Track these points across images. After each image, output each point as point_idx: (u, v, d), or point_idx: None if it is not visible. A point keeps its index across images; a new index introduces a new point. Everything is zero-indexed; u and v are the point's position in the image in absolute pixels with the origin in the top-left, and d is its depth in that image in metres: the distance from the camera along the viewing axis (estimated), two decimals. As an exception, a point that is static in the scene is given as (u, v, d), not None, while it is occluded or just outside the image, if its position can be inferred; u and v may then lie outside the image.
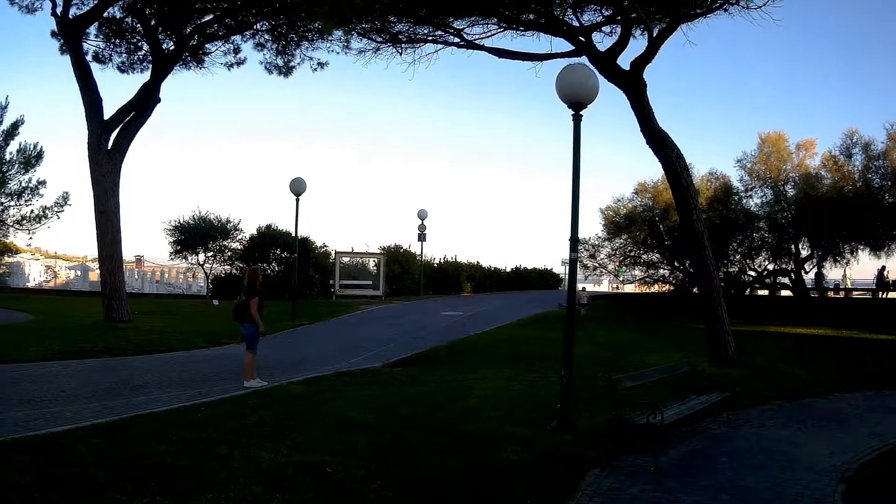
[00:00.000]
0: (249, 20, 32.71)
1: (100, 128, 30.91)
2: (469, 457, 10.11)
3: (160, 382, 16.79)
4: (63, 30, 31.52)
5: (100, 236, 31.32)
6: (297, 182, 33.12)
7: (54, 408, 13.41)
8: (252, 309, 16.49)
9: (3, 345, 21.85)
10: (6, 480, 8.10)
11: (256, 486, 8.29)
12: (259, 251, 50.80)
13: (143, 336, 25.54)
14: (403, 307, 41.72)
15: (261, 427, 11.38)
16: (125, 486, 8.15)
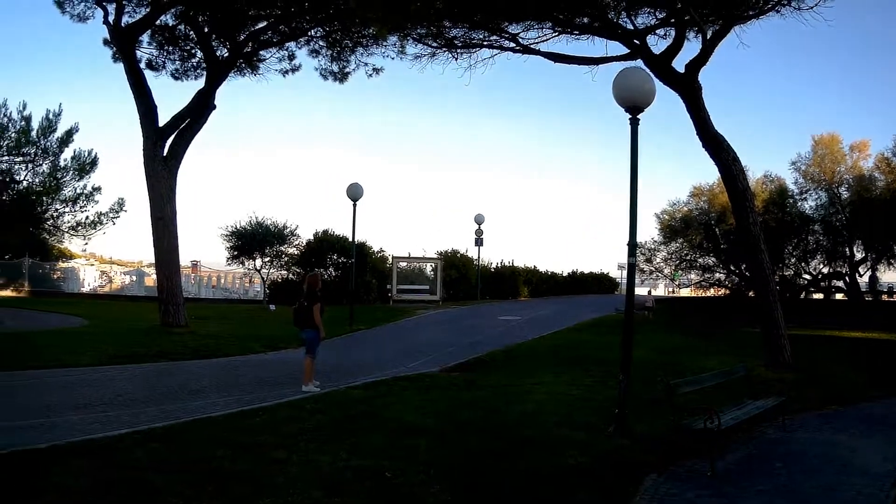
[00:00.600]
0: (304, 27, 32.94)
1: (155, 135, 31.29)
2: (527, 461, 10.03)
3: (217, 387, 16.92)
4: (116, 38, 31.96)
5: (156, 242, 31.72)
6: (354, 187, 33.19)
7: (110, 412, 13.57)
8: (315, 314, 16.68)
9: (59, 349, 22.16)
10: (61, 484, 8.17)
11: (315, 491, 8.27)
12: (316, 256, 51.03)
13: (199, 340, 25.81)
14: (460, 312, 41.67)
15: (319, 431, 11.37)
16: (182, 490, 8.17)
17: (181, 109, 32.19)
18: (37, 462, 9.09)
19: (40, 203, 37.01)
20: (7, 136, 35.31)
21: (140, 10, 32.11)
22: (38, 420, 12.54)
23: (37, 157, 36.38)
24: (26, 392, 15.74)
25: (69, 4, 31.70)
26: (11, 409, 13.53)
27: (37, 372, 18.25)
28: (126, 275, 64.08)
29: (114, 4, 31.36)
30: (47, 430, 11.57)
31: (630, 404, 12.16)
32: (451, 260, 53.93)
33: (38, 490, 7.92)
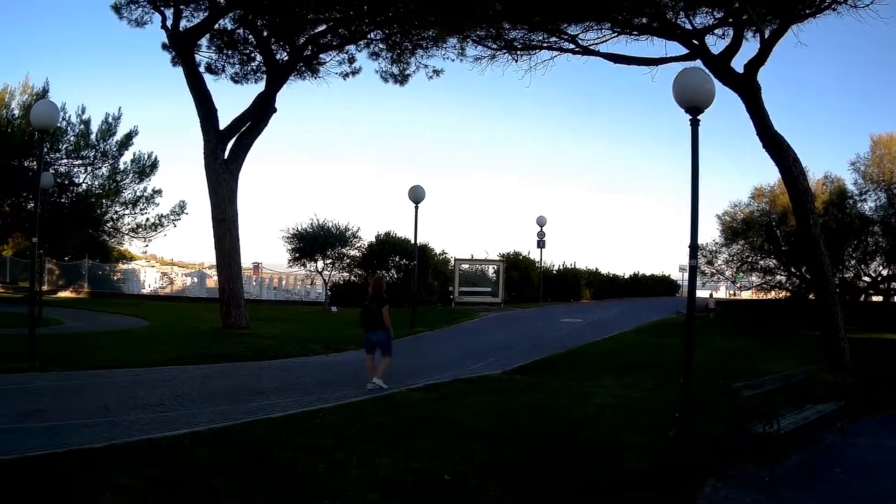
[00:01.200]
0: (363, 30, 33.20)
1: (215, 138, 31.70)
2: (586, 465, 9.96)
3: (277, 388, 17.02)
4: (174, 42, 32.47)
5: (218, 244, 32.08)
6: (416, 190, 33.23)
7: (170, 412, 13.70)
8: (384, 316, 17.09)
9: (119, 350, 22.48)
10: (118, 484, 8.22)
11: (372, 494, 8.26)
12: (378, 258, 51.29)
13: (260, 342, 26.02)
14: (522, 314, 41.58)
15: (379, 433, 11.35)
16: (239, 490, 8.21)
17: (242, 112, 32.59)
18: (94, 461, 9.17)
19: (100, 206, 37.56)
20: (66, 139, 35.90)
21: (198, 14, 32.62)
22: (96, 419, 12.69)
23: (96, 161, 36.97)
24: (86, 392, 15.98)
25: (126, 10, 32.22)
26: (71, 408, 13.74)
27: (97, 372, 18.52)
28: (187, 276, 64.89)
29: (171, 9, 31.86)
30: (106, 430, 11.68)
31: (690, 408, 12.05)
32: (513, 262, 53.76)
33: (95, 489, 7.98)
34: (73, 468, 8.80)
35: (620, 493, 8.90)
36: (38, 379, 17.12)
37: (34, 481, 8.23)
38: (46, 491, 7.96)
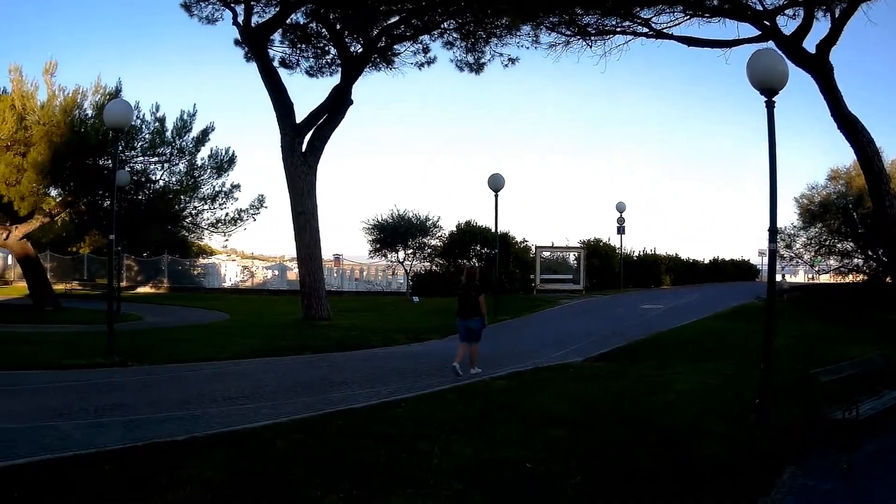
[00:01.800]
0: (436, 19, 33.19)
1: (293, 131, 31.99)
2: (666, 451, 9.83)
3: (359, 379, 17.09)
4: (247, 38, 32.88)
5: (298, 237, 32.40)
6: (496, 178, 33.13)
7: (251, 404, 13.83)
8: (480, 304, 17.78)
9: (201, 343, 22.88)
10: (199, 476, 8.29)
11: (456, 482, 8.21)
12: (459, 248, 51.60)
13: (342, 333, 26.17)
14: (603, 301, 41.34)
15: (461, 422, 11.31)
16: (321, 481, 8.20)
17: (318, 105, 32.87)
18: (175, 453, 9.27)
19: (178, 201, 37.92)
20: (141, 137, 36.30)
21: (269, 9, 32.95)
22: (177, 413, 12.89)
23: (173, 157, 37.28)
24: (166, 386, 16.25)
25: (196, 7, 32.66)
26: (151, 402, 13.95)
27: (177, 366, 18.85)
28: (268, 269, 65.55)
29: (242, 5, 32.23)
30: (187, 423, 11.84)
31: (770, 394, 11.85)
32: (593, 248, 53.46)
33: (175, 481, 8.06)
34: (152, 461, 8.90)
35: (700, 480, 8.77)
36: (119, 374, 17.48)
37: (114, 475, 8.32)
38: (126, 484, 8.03)
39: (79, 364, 18.31)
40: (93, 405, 13.53)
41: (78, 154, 33.33)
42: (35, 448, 9.85)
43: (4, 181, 32.55)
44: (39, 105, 33.83)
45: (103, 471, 8.46)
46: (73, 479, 8.16)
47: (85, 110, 34.67)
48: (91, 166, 35.05)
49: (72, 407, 13.30)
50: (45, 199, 37.69)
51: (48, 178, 33.97)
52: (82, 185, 36.24)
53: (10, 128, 32.85)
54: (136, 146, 36.51)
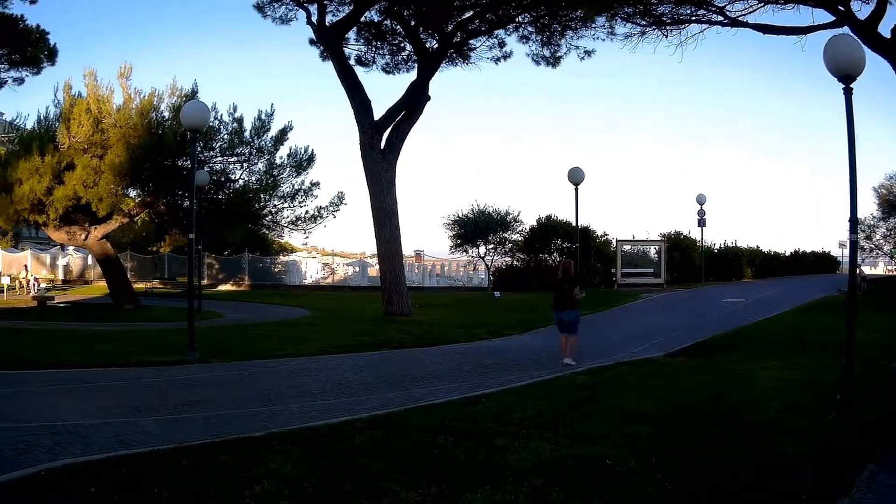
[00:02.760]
0: (510, 13, 33.24)
1: (371, 128, 32.25)
2: (746, 448, 9.65)
3: (440, 374, 17.11)
4: (321, 37, 33.30)
5: (378, 233, 32.70)
6: (575, 171, 32.91)
7: (331, 399, 13.92)
8: (576, 296, 18.41)
9: (282, 340, 23.12)
10: (277, 471, 8.34)
11: (535, 479, 8.14)
12: (540, 242, 52.05)
13: (423, 328, 26.31)
14: (684, 294, 41.21)
15: (542, 418, 11.24)
16: (400, 476, 8.19)
17: (395, 102, 33.09)
18: (253, 449, 9.34)
19: (258, 200, 38.31)
20: (219, 137, 36.73)
21: (343, 8, 33.34)
22: (257, 408, 13.04)
23: (252, 157, 37.68)
24: (246, 382, 16.46)
25: (270, 8, 33.17)
26: (231, 398, 14.17)
27: (258, 362, 19.05)
28: (349, 266, 65.95)
29: (315, 5, 32.67)
30: (266, 418, 11.98)
31: (851, 390, 11.60)
32: (674, 242, 53.44)
33: (253, 477, 8.11)
34: (230, 456, 8.96)
35: (780, 478, 8.60)
36: (200, 370, 17.71)
37: (191, 470, 8.39)
38: (203, 479, 8.09)
39: (159, 361, 18.66)
40: (172, 401, 13.75)
41: (156, 155, 33.83)
42: (113, 443, 10.07)
43: (82, 183, 33.18)
44: (115, 108, 34.40)
45: (181, 466, 8.54)
46: (150, 474, 8.25)
47: (161, 112, 35.22)
48: (169, 167, 35.55)
49: (151, 403, 13.56)
50: (124, 200, 38.36)
51: (126, 179, 34.57)
52: (161, 185, 36.79)
53: (87, 131, 33.48)
54: (215, 146, 36.96)
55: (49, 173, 33.14)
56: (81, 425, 11.37)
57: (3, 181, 33.86)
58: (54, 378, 16.28)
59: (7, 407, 13.25)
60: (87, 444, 10.02)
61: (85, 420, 11.79)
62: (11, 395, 14.41)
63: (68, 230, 36.72)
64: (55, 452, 9.58)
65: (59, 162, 33.69)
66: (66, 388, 15.22)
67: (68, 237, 37.70)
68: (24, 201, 33.40)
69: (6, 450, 9.67)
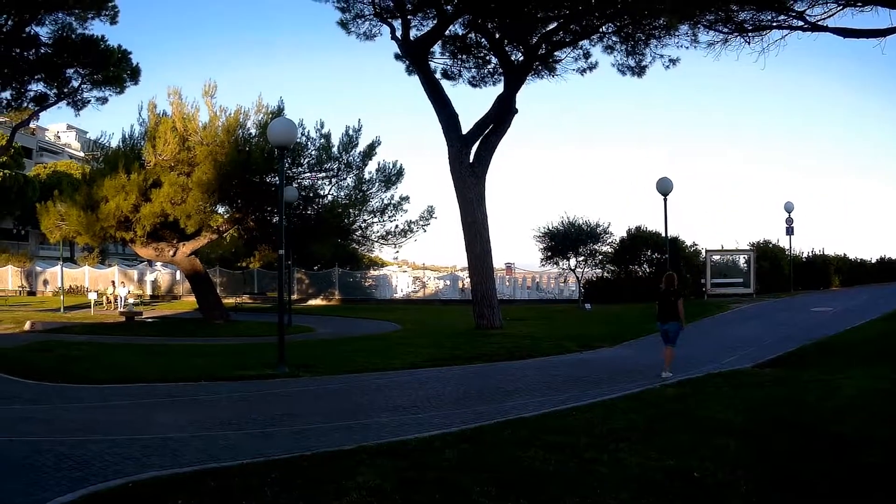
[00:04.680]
0: (594, 24, 33.31)
1: (459, 142, 32.49)
2: (833, 459, 9.55)
3: (531, 387, 17.12)
4: (407, 52, 33.73)
5: (469, 246, 32.87)
6: (664, 182, 32.69)
7: (422, 413, 14.04)
8: (679, 308, 18.71)
9: (372, 354, 23.34)
10: (366, 484, 8.45)
11: (623, 492, 8.15)
12: (629, 253, 52.17)
13: (514, 341, 26.31)
14: (773, 304, 40.49)
15: (631, 431, 11.25)
16: (489, 490, 8.26)
17: (483, 116, 33.34)
18: (343, 462, 9.49)
19: (347, 215, 38.66)
20: (307, 153, 37.20)
21: (426, 22, 33.82)
22: (347, 422, 13.17)
23: (340, 172, 38.07)
24: (337, 395, 16.63)
25: (354, 24, 33.79)
26: (322, 412, 14.35)
27: (348, 376, 19.25)
28: (439, 279, 66.32)
29: (399, 20, 33.10)
30: (356, 432, 12.10)
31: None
32: (762, 251, 52.68)
33: (341, 490, 8.24)
34: (320, 470, 9.13)
35: (868, 491, 8.52)
36: (290, 384, 17.99)
37: (281, 483, 8.57)
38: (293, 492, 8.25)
39: (249, 375, 18.99)
40: (262, 415, 14.01)
41: (243, 172, 34.35)
42: (202, 456, 10.32)
43: (170, 200, 33.84)
44: (201, 126, 35.03)
45: (269, 479, 8.72)
46: (237, 487, 8.46)
47: (248, 129, 35.74)
48: (258, 183, 36.08)
49: (241, 417, 13.82)
50: (212, 217, 39.04)
51: (214, 196, 35.17)
52: (250, 202, 37.34)
53: (173, 149, 34.18)
54: (303, 162, 37.45)
55: (136, 191, 33.91)
56: (171, 439, 11.67)
57: (89, 199, 34.72)
58: (144, 392, 16.72)
59: (98, 420, 13.62)
60: (175, 457, 10.29)
61: (174, 433, 12.09)
62: (102, 409, 14.85)
63: (156, 246, 37.47)
64: (143, 465, 9.87)
65: (146, 179, 34.44)
66: (157, 403, 15.56)
67: (156, 253, 38.45)
68: (110, 218, 34.22)
69: (94, 462, 9.96)
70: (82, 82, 50.84)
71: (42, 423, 13.28)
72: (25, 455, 10.42)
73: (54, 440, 11.54)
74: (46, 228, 38.43)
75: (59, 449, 10.80)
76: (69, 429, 12.65)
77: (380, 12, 34.31)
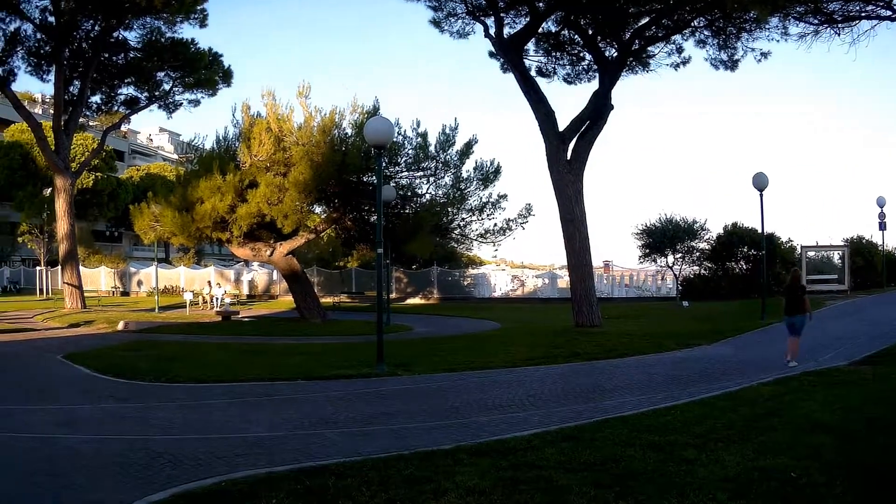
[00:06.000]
0: (685, 18, 33.13)
1: (557, 139, 32.49)
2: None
3: (629, 386, 17.08)
4: (501, 49, 33.92)
5: (568, 244, 32.83)
6: (760, 177, 32.35)
7: (520, 412, 14.06)
8: (805, 303, 19.79)
9: (471, 352, 23.50)
10: (464, 483, 8.56)
11: (720, 492, 8.13)
12: (726, 250, 51.85)
13: (612, 340, 26.22)
14: (868, 301, 39.93)
15: (729, 430, 11.23)
16: (587, 489, 8.30)
17: (579, 112, 33.28)
18: (441, 461, 9.62)
19: (445, 214, 38.72)
20: (404, 153, 37.37)
21: (519, 20, 34.04)
22: (446, 421, 13.29)
23: (437, 171, 38.15)
24: (435, 395, 16.70)
25: (446, 23, 34.02)
26: (420, 411, 14.44)
27: (446, 375, 19.34)
28: (538, 278, 66.20)
29: (492, 18, 33.26)
30: (455, 431, 12.22)
31: None
32: (856, 247, 51.59)
33: (439, 489, 8.36)
34: (418, 469, 9.26)
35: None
36: (388, 383, 18.12)
37: (378, 483, 8.71)
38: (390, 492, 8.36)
39: (347, 374, 19.16)
40: (360, 414, 14.20)
41: (340, 172, 34.62)
42: (298, 455, 10.54)
43: (266, 201, 34.22)
44: (296, 127, 35.35)
45: (366, 478, 8.87)
46: (334, 486, 8.62)
47: (344, 129, 35.97)
48: (355, 183, 36.37)
49: (338, 416, 14.05)
50: (309, 217, 39.46)
51: (311, 196, 35.51)
52: (347, 201, 37.65)
53: (268, 150, 34.55)
54: (400, 161, 37.62)
55: (231, 192, 34.45)
56: (267, 437, 11.92)
57: (184, 200, 35.33)
58: (240, 391, 17.00)
59: (191, 419, 13.97)
60: (271, 456, 10.49)
61: (271, 432, 12.35)
62: (196, 408, 15.17)
63: (253, 247, 37.98)
64: (237, 464, 10.11)
65: (241, 180, 34.96)
66: (253, 402, 15.81)
67: (253, 253, 38.95)
68: (205, 219, 34.80)
69: (186, 461, 10.25)
70: (174, 85, 52.05)
71: (135, 422, 13.67)
72: (117, 453, 10.79)
73: (146, 438, 11.88)
74: (141, 229, 39.32)
75: (151, 447, 11.13)
76: (162, 427, 13.01)
77: (472, 10, 34.55)
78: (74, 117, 49.89)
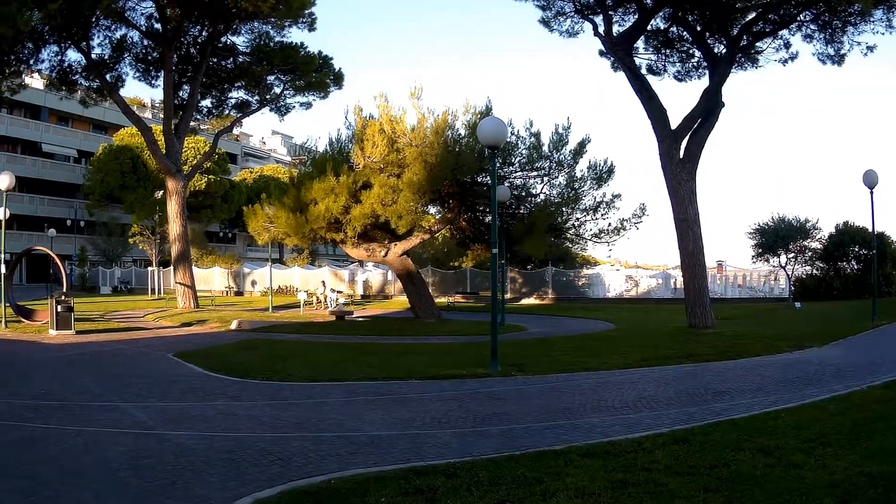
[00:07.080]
0: (791, 12, 32.71)
1: (669, 137, 32.43)
2: None
3: (741, 388, 16.92)
4: (610, 47, 33.96)
5: (681, 244, 32.72)
6: (870, 174, 31.80)
7: (632, 414, 14.11)
8: None
9: (586, 353, 23.51)
10: (574, 485, 8.72)
11: (827, 498, 8.15)
12: (837, 249, 51.90)
13: (725, 341, 26.02)
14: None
15: (838, 434, 11.14)
16: (695, 493, 8.39)
17: (691, 110, 33.17)
18: (551, 462, 9.78)
19: (560, 214, 38.80)
20: (518, 153, 37.57)
21: (627, 17, 34.30)
22: (558, 422, 13.37)
23: (551, 171, 38.25)
24: (547, 395, 16.75)
25: (556, 22, 34.28)
26: (532, 411, 14.52)
27: (559, 375, 19.33)
28: (651, 278, 65.99)
29: (600, 16, 33.39)
30: (567, 432, 12.32)
31: None
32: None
33: (549, 491, 8.52)
34: (528, 469, 9.44)
35: None
36: (502, 383, 18.23)
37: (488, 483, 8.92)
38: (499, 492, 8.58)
39: (461, 374, 19.28)
40: (472, 414, 14.33)
41: (454, 173, 34.94)
42: (409, 455, 10.78)
43: (380, 201, 34.68)
44: (409, 128, 35.80)
45: (476, 479, 9.08)
46: (443, 486, 8.85)
47: (457, 130, 36.28)
48: (469, 183, 36.72)
49: (451, 415, 14.18)
50: (424, 217, 39.89)
51: (425, 196, 35.89)
52: (461, 202, 38.00)
53: (382, 151, 34.99)
54: (514, 161, 37.85)
55: (345, 193, 34.92)
56: (379, 436, 12.12)
57: (298, 201, 36.02)
58: (353, 390, 17.23)
59: (302, 417, 14.22)
60: (381, 455, 10.76)
61: (382, 431, 12.54)
62: (312, 407, 15.40)
63: (367, 247, 38.59)
64: (347, 462, 10.37)
65: (355, 182, 35.43)
66: (365, 401, 16.00)
67: (367, 254, 39.54)
68: (319, 220, 35.41)
69: (295, 459, 10.57)
70: (284, 89, 53.03)
71: (245, 419, 13.96)
72: (227, 449, 11.10)
73: (256, 436, 12.20)
74: (254, 230, 40.18)
75: (261, 444, 11.46)
76: (272, 425, 13.30)
77: (580, 9, 34.66)
78: (185, 121, 51.51)
